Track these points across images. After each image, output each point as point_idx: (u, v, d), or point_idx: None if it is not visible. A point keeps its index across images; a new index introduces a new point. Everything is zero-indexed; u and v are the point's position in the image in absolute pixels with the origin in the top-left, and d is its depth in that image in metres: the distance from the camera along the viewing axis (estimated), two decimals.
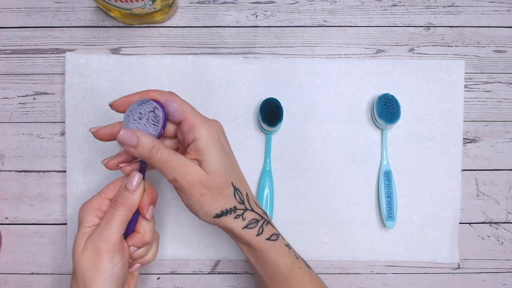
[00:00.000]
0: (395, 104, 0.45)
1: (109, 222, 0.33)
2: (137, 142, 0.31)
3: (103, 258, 0.32)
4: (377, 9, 0.48)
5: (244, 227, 0.35)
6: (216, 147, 0.34)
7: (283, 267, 0.36)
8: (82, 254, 0.32)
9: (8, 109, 0.47)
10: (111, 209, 0.34)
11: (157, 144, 0.32)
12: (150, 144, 0.32)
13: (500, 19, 0.48)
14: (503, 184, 0.48)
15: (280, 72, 0.47)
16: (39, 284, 0.47)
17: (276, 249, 0.37)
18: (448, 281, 0.48)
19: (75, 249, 0.33)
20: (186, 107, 0.34)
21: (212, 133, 0.34)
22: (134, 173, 0.34)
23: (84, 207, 0.35)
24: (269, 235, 0.36)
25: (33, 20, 0.48)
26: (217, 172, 0.34)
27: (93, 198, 0.35)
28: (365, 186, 0.47)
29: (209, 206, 0.34)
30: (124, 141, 0.31)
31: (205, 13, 0.48)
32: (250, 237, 0.35)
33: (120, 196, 0.34)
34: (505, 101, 0.48)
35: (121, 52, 0.48)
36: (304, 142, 0.47)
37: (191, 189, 0.33)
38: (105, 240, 0.32)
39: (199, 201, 0.33)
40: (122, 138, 0.31)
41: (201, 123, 0.34)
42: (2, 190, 0.47)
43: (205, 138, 0.33)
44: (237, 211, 0.35)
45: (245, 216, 0.35)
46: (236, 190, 0.35)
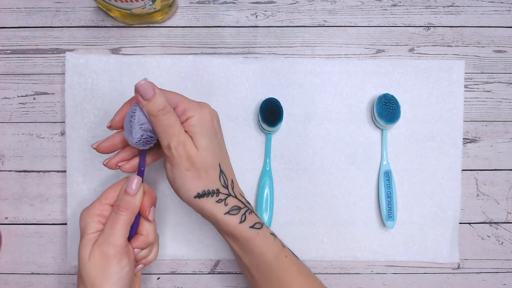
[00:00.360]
0: (395, 104, 0.45)
1: (113, 227, 0.33)
2: (152, 96, 0.32)
3: (111, 262, 0.33)
4: (377, 9, 0.48)
5: (226, 212, 0.35)
6: (207, 127, 0.34)
7: (268, 256, 0.36)
8: (89, 260, 0.33)
9: (8, 109, 0.47)
10: (114, 214, 0.34)
11: (168, 107, 0.33)
12: (162, 103, 0.32)
13: (500, 19, 0.48)
14: (503, 184, 0.48)
15: (280, 72, 0.47)
16: (39, 284, 0.47)
17: (260, 237, 0.36)
18: (448, 281, 0.48)
19: (81, 256, 0.33)
20: (177, 95, 0.35)
21: (204, 114, 0.34)
22: (133, 177, 0.35)
23: (86, 214, 0.35)
24: (253, 223, 0.36)
25: (33, 20, 0.48)
26: (206, 150, 0.34)
27: (93, 205, 0.35)
28: (365, 186, 0.47)
29: (192, 183, 0.34)
30: (141, 90, 0.32)
31: (205, 13, 0.48)
32: (233, 224, 0.35)
33: (121, 201, 0.34)
34: (505, 101, 0.48)
35: (121, 52, 0.48)
36: (304, 142, 0.47)
37: (179, 161, 0.33)
38: (112, 245, 0.33)
39: (183, 175, 0.33)
40: (141, 87, 0.31)
41: (193, 106, 0.34)
42: (2, 190, 0.47)
43: (197, 118, 0.34)
44: (220, 195, 0.35)
45: (228, 201, 0.35)
46: (222, 173, 0.35)
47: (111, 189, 0.36)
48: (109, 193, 0.35)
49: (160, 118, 0.32)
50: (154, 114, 0.32)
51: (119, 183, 0.36)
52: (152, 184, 0.46)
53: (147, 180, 0.46)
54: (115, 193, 0.35)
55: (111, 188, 0.36)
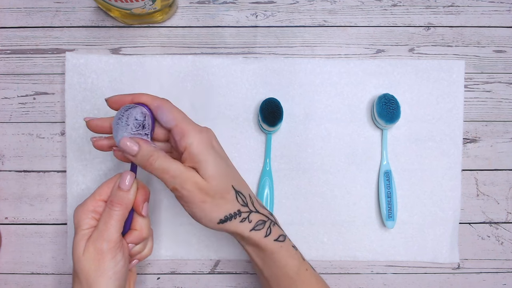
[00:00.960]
0: (395, 104, 0.45)
1: (107, 222, 0.33)
2: (137, 151, 0.32)
3: (106, 257, 0.33)
4: (377, 9, 0.48)
5: (252, 229, 0.35)
6: (210, 152, 0.34)
7: (290, 269, 0.36)
8: (84, 255, 0.33)
9: (8, 109, 0.47)
10: (107, 209, 0.34)
11: (156, 153, 0.33)
12: (149, 152, 0.32)
13: (500, 19, 0.48)
14: (503, 184, 0.48)
15: (280, 72, 0.47)
16: (39, 284, 0.47)
17: (283, 250, 0.36)
18: (448, 281, 0.48)
19: (75, 252, 0.33)
20: (177, 114, 0.34)
21: (203, 139, 0.34)
22: (126, 173, 0.35)
23: (79, 210, 0.35)
24: (277, 236, 0.36)
25: (33, 20, 0.48)
26: (215, 177, 0.33)
27: (87, 201, 0.35)
28: (365, 186, 0.47)
29: (212, 213, 0.34)
30: (124, 149, 0.32)
31: (205, 13, 0.48)
32: (258, 238, 0.35)
33: (115, 196, 0.34)
34: (505, 101, 0.48)
35: (121, 52, 0.48)
36: (304, 142, 0.47)
37: (192, 197, 0.33)
38: (106, 240, 0.33)
39: (201, 208, 0.33)
40: (123, 146, 0.32)
41: (192, 129, 0.34)
42: (2, 190, 0.47)
43: (197, 144, 0.33)
44: (242, 214, 0.35)
45: (251, 218, 0.35)
46: (238, 193, 0.35)
47: (104, 186, 0.36)
48: (102, 190, 0.35)
49: (153, 167, 0.32)
50: (145, 165, 0.33)
51: (112, 179, 0.36)
52: (151, 183, 0.46)
53: (145, 177, 0.46)
54: (108, 189, 0.35)
55: (104, 184, 0.36)
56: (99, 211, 0.35)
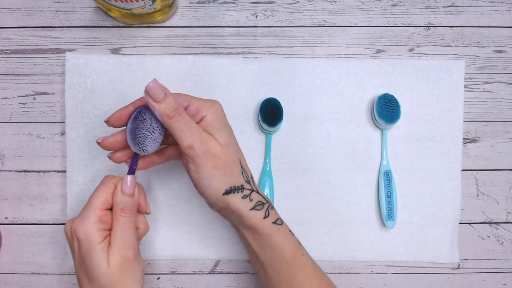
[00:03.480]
0: (395, 104, 0.45)
1: (126, 231, 0.34)
2: (164, 97, 0.32)
3: (133, 264, 0.34)
4: (377, 9, 0.48)
5: (252, 208, 0.35)
6: (224, 123, 0.35)
7: (287, 252, 0.36)
8: (110, 267, 0.33)
9: (8, 109, 0.47)
10: (120, 217, 0.34)
11: (181, 107, 0.33)
12: (175, 104, 0.32)
13: (500, 19, 0.48)
14: (503, 184, 0.48)
15: (280, 72, 0.47)
16: (39, 284, 0.47)
17: (281, 233, 0.36)
18: (448, 281, 0.48)
19: (99, 265, 0.32)
20: (185, 96, 0.35)
21: (217, 110, 0.35)
22: (128, 177, 0.34)
23: (84, 225, 0.33)
24: (275, 218, 0.37)
25: (33, 20, 0.48)
26: (229, 146, 0.35)
27: (87, 214, 0.33)
28: (365, 186, 0.47)
29: (220, 181, 0.34)
30: (151, 91, 0.31)
31: (205, 13, 0.48)
32: (257, 219, 0.35)
33: (123, 203, 0.34)
34: (505, 101, 0.48)
35: (121, 52, 0.48)
36: (304, 142, 0.47)
37: (206, 159, 0.33)
38: (132, 248, 0.34)
39: (210, 174, 0.33)
40: (151, 88, 0.31)
41: (205, 103, 0.35)
42: (2, 190, 0.47)
43: (212, 114, 0.34)
44: (245, 190, 0.35)
45: (252, 197, 0.35)
46: (243, 169, 0.36)
47: (100, 194, 0.34)
48: (99, 198, 0.34)
49: (176, 119, 0.32)
50: (169, 115, 0.32)
51: (105, 186, 0.34)
52: (150, 183, 0.46)
53: (145, 178, 0.46)
54: (106, 196, 0.34)
55: (99, 192, 0.34)
56: (106, 220, 0.34)
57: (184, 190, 0.46)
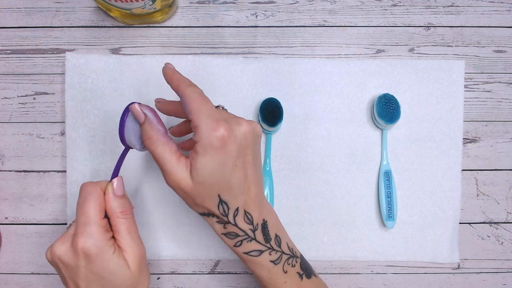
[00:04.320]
0: (395, 104, 0.45)
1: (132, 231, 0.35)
2: (143, 121, 0.34)
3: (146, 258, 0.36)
4: (377, 9, 0.48)
5: (223, 233, 0.35)
6: (211, 156, 0.31)
7: (266, 280, 0.36)
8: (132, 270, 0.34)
9: (8, 109, 0.47)
10: (122, 220, 0.35)
11: (157, 135, 0.33)
12: (150, 133, 0.34)
13: (500, 19, 0.48)
14: (503, 184, 0.48)
15: (280, 72, 0.47)
16: (39, 284, 0.47)
17: (256, 264, 0.36)
18: (448, 281, 0.48)
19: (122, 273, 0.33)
20: (194, 104, 0.32)
21: (212, 140, 0.31)
22: (117, 179, 0.35)
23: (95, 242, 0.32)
24: (249, 250, 0.35)
25: (33, 20, 0.48)
26: (203, 183, 0.32)
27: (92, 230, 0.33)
28: (365, 186, 0.47)
29: (191, 207, 0.35)
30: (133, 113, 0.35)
31: (205, 13, 0.48)
32: (229, 244, 0.36)
33: (120, 207, 0.35)
34: (505, 101, 0.48)
35: (121, 52, 0.48)
36: (304, 142, 0.47)
37: (176, 190, 0.34)
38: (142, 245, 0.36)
39: (184, 200, 0.35)
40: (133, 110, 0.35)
41: (205, 126, 0.31)
42: (2, 190, 0.47)
43: (202, 144, 0.31)
44: (219, 219, 0.34)
45: (226, 226, 0.35)
46: (223, 202, 0.33)
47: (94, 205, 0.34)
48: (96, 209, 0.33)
49: (151, 149, 0.33)
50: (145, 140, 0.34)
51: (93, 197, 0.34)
52: (151, 184, 0.46)
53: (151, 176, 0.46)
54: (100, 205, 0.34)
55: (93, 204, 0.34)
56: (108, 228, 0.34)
57: None
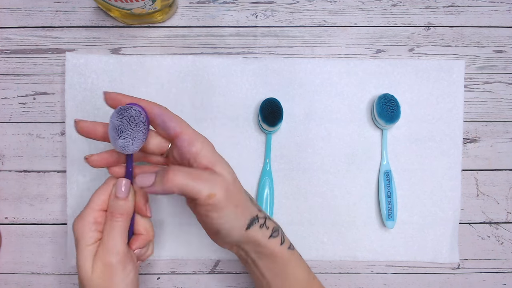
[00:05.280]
0: (395, 104, 0.45)
1: (112, 235, 0.32)
2: (154, 180, 0.30)
3: (117, 271, 0.32)
4: (377, 9, 0.48)
5: (270, 236, 0.34)
6: (219, 155, 0.34)
7: (301, 279, 0.36)
8: (93, 274, 0.31)
9: (8, 109, 0.47)
10: (109, 221, 0.33)
11: (172, 168, 0.30)
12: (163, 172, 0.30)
13: (500, 19, 0.48)
14: (503, 184, 0.48)
15: (280, 72, 0.47)
16: (39, 284, 0.47)
17: (294, 258, 0.36)
18: (448, 281, 0.48)
19: (83, 270, 0.31)
20: (181, 121, 0.33)
21: (210, 143, 0.34)
22: (121, 181, 0.33)
23: (79, 223, 0.32)
24: (289, 243, 0.36)
25: (33, 20, 0.48)
26: (235, 180, 0.33)
27: (86, 212, 0.33)
28: (365, 186, 0.47)
29: (242, 217, 0.32)
30: (141, 185, 0.30)
31: (205, 13, 0.48)
32: (274, 246, 0.34)
33: (115, 207, 0.33)
34: (505, 101, 0.48)
35: (121, 52, 0.48)
36: (304, 142, 0.47)
37: (228, 200, 0.31)
38: (115, 254, 0.32)
39: (234, 213, 0.32)
40: (139, 183, 0.30)
41: (198, 135, 0.33)
42: (2, 190, 0.47)
43: (207, 148, 0.33)
44: (260, 219, 0.34)
45: (268, 224, 0.34)
46: (249, 195, 0.35)
47: (100, 194, 0.33)
48: (98, 198, 0.33)
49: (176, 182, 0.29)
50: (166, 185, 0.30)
51: (106, 186, 0.34)
52: None
53: None
54: (104, 197, 0.33)
55: (100, 192, 0.33)
56: (101, 221, 0.33)
57: None
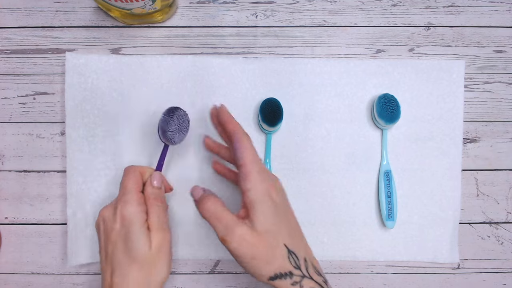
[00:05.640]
0: (395, 104, 0.45)
1: (161, 216, 0.38)
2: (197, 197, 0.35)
3: (169, 245, 0.38)
4: (377, 9, 0.48)
5: None
6: (267, 203, 0.33)
7: None
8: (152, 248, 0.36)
9: (8, 109, 0.47)
10: (154, 205, 0.38)
11: (208, 196, 0.34)
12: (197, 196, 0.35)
13: (500, 19, 0.48)
14: (503, 184, 0.48)
15: (280, 72, 0.47)
16: (39, 284, 0.47)
17: None
18: (448, 281, 0.48)
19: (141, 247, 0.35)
20: (248, 155, 0.34)
21: (263, 188, 0.33)
22: (155, 174, 0.39)
23: (130, 209, 0.36)
24: None
25: (33, 20, 0.48)
26: (268, 232, 0.32)
27: (129, 198, 0.36)
28: (365, 186, 0.47)
29: (262, 269, 0.32)
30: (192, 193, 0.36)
31: (205, 13, 0.48)
32: None
33: (152, 193, 0.38)
34: (505, 101, 0.48)
35: (121, 52, 0.48)
36: (304, 142, 0.47)
37: (242, 251, 0.32)
38: (168, 231, 0.38)
39: (251, 264, 0.32)
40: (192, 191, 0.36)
41: (255, 176, 0.33)
42: (2, 190, 0.47)
43: (254, 192, 0.33)
44: (294, 277, 0.33)
45: (303, 283, 0.33)
46: (291, 253, 0.33)
47: (130, 180, 0.38)
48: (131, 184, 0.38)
49: (205, 208, 0.34)
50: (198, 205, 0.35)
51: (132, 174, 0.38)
52: None
53: None
54: (134, 181, 0.38)
55: (129, 179, 0.38)
56: (143, 202, 0.37)
57: (183, 192, 0.46)
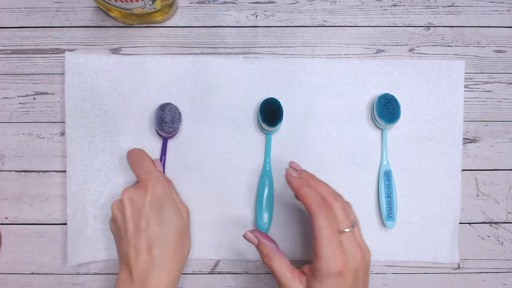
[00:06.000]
0: (395, 104, 0.45)
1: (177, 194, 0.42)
2: (257, 243, 0.38)
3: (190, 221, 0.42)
4: (377, 9, 0.48)
5: None
6: (328, 284, 0.34)
7: None
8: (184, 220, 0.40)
9: (8, 109, 0.47)
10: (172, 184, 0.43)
11: (272, 253, 0.37)
12: (265, 250, 0.38)
13: (500, 19, 0.48)
14: (503, 184, 0.48)
15: (280, 72, 0.47)
16: (39, 284, 0.47)
17: None
18: (448, 281, 0.48)
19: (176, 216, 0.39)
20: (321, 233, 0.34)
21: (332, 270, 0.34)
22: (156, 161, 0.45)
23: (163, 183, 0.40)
24: None
25: (33, 20, 0.48)
26: None
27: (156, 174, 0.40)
28: (365, 186, 0.47)
29: None
30: (248, 239, 0.39)
31: (205, 13, 0.48)
32: None
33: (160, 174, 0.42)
34: (505, 101, 0.48)
35: (121, 52, 0.48)
36: (304, 142, 0.47)
37: None
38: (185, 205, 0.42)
39: None
40: (246, 237, 0.39)
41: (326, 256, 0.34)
42: (2, 190, 0.47)
43: (321, 272, 0.34)
44: None
45: None
46: None
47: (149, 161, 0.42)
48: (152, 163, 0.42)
49: (269, 264, 0.37)
50: (263, 257, 0.38)
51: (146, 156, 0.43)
52: None
53: None
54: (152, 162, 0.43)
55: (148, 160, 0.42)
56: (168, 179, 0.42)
57: (183, 191, 0.46)
